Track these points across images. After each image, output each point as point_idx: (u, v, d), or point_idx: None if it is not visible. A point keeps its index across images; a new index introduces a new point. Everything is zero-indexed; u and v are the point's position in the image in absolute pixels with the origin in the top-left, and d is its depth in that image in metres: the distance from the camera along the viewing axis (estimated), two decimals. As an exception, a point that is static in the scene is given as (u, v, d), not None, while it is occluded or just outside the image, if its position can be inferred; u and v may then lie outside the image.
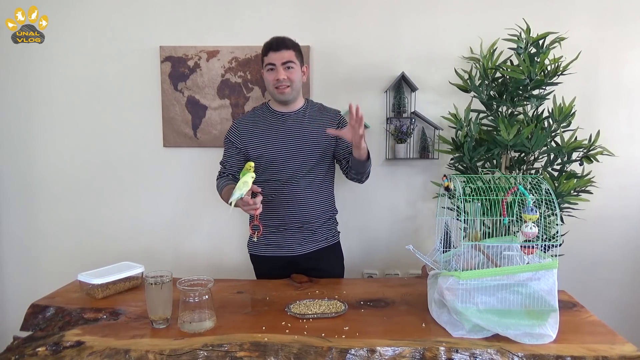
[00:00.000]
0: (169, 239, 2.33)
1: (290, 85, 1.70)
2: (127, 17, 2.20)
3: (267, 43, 1.72)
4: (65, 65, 2.23)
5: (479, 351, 1.15)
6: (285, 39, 1.71)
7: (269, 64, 1.70)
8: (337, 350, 1.16)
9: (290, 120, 1.78)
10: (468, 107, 1.95)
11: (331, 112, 1.85)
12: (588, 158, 1.86)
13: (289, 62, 1.69)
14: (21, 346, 1.22)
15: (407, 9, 2.17)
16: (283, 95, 1.72)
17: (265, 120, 1.79)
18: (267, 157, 1.75)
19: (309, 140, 1.76)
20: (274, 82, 1.70)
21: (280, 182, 1.76)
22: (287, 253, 1.79)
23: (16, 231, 2.34)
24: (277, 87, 1.70)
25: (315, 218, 1.81)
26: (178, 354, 1.15)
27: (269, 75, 1.71)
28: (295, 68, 1.71)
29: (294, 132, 1.76)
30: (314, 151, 1.76)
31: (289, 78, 1.69)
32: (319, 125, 1.79)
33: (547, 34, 1.84)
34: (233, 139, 1.80)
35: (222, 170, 1.83)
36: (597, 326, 1.31)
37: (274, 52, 1.68)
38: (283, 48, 1.69)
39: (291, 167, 1.75)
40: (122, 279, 1.57)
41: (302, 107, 1.81)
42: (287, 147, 1.74)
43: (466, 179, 1.52)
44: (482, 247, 1.39)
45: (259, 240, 1.82)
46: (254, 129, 1.78)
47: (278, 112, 1.79)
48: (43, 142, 2.28)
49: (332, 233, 1.89)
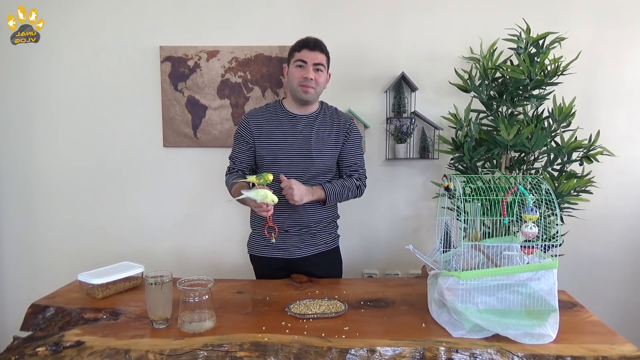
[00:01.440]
0: (169, 239, 2.33)
1: (314, 87, 1.70)
2: (127, 17, 2.20)
3: (303, 40, 1.71)
4: (65, 65, 2.23)
5: (479, 351, 1.15)
6: (322, 42, 1.72)
7: (301, 60, 1.68)
8: (337, 350, 1.16)
9: (302, 125, 1.76)
10: (468, 107, 1.95)
11: (342, 119, 1.81)
12: (588, 158, 1.86)
13: (319, 65, 1.69)
14: (21, 346, 1.22)
15: (407, 9, 2.17)
16: (306, 95, 1.70)
17: (277, 120, 1.76)
18: (272, 157, 1.74)
19: (315, 146, 1.74)
20: (301, 80, 1.68)
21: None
22: (285, 255, 1.78)
23: (16, 231, 2.34)
24: (303, 85, 1.69)
25: (316, 222, 1.80)
26: (178, 354, 1.14)
27: (297, 72, 1.69)
28: (323, 72, 1.72)
29: (303, 137, 1.74)
30: (319, 158, 1.74)
31: (316, 80, 1.69)
32: (329, 131, 1.77)
33: (547, 34, 1.84)
34: (243, 133, 1.77)
35: (231, 165, 1.82)
36: (597, 326, 1.31)
37: (309, 50, 1.68)
38: (318, 50, 1.69)
39: (295, 170, 1.73)
40: (122, 279, 1.57)
41: (316, 112, 1.79)
42: (294, 151, 1.73)
43: (466, 179, 1.52)
44: (482, 247, 1.39)
45: (258, 241, 1.82)
46: (263, 126, 1.76)
47: (291, 114, 1.77)
48: (43, 143, 2.28)
49: (331, 237, 1.87)
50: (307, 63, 1.68)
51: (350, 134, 1.80)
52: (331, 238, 1.87)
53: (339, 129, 1.78)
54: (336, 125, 1.79)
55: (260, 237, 1.80)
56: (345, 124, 1.80)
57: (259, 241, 1.83)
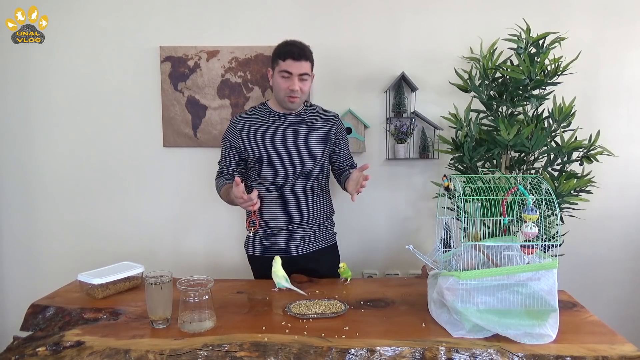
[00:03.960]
0: (169, 239, 2.33)
1: (300, 97, 1.71)
2: (127, 17, 2.20)
3: (287, 49, 1.66)
4: (65, 65, 2.23)
5: (479, 351, 1.15)
6: (305, 49, 1.69)
7: (286, 71, 1.66)
8: (337, 350, 1.16)
9: (290, 122, 1.77)
10: (468, 107, 1.95)
11: (329, 116, 1.85)
12: (588, 158, 1.86)
13: (305, 74, 1.68)
14: (21, 346, 1.22)
15: (407, 9, 2.17)
16: (292, 104, 1.72)
17: (264, 121, 1.78)
18: (265, 157, 1.74)
19: (307, 142, 1.76)
20: (287, 91, 1.68)
21: (278, 183, 1.75)
22: (285, 253, 1.78)
23: (16, 231, 2.34)
24: (289, 96, 1.69)
25: (314, 219, 1.81)
26: (178, 354, 1.15)
27: (283, 82, 1.68)
28: (308, 80, 1.71)
29: (293, 133, 1.76)
30: (312, 153, 1.77)
31: (302, 89, 1.69)
32: (318, 127, 1.79)
33: (547, 34, 1.84)
34: (231, 138, 1.79)
35: (220, 169, 1.83)
36: (597, 326, 1.31)
37: (294, 60, 1.65)
38: (303, 59, 1.66)
39: (289, 168, 1.75)
40: (122, 279, 1.57)
41: (302, 110, 1.81)
42: (286, 149, 1.74)
43: (466, 179, 1.52)
44: (482, 247, 1.39)
45: (257, 241, 1.82)
46: (252, 129, 1.77)
47: (278, 113, 1.78)
48: (43, 142, 2.28)
49: (330, 234, 1.90)
50: (293, 74, 1.66)
51: (340, 129, 1.86)
52: (329, 234, 1.90)
53: (327, 123, 1.83)
54: (322, 121, 1.82)
55: (259, 236, 1.81)
56: (332, 120, 1.86)
57: (257, 241, 1.83)
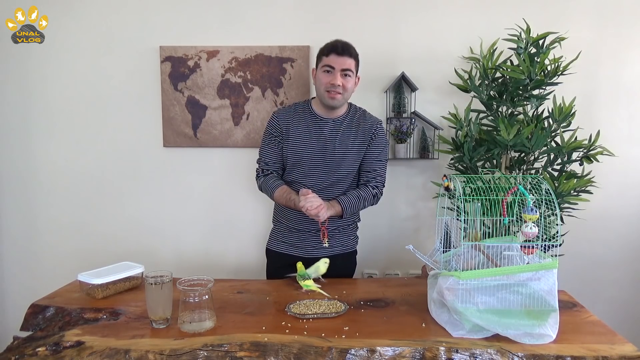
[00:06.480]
0: (169, 239, 2.33)
1: (342, 93, 1.67)
2: (127, 17, 2.20)
3: (331, 44, 1.66)
4: (65, 65, 2.23)
5: (479, 351, 1.15)
6: (350, 46, 1.68)
7: (328, 65, 1.65)
8: (337, 350, 1.16)
9: (328, 128, 1.74)
10: (468, 107, 1.95)
11: (369, 123, 1.78)
12: (588, 158, 1.86)
13: (348, 70, 1.66)
14: (21, 346, 1.22)
15: (407, 8, 2.17)
16: (333, 101, 1.68)
17: (304, 121, 1.75)
18: (297, 157, 1.74)
19: (339, 152, 1.73)
20: (327, 86, 1.65)
21: (305, 185, 1.73)
22: (300, 254, 1.79)
23: (16, 231, 2.34)
24: (329, 91, 1.66)
25: (335, 224, 1.79)
26: (178, 354, 1.15)
27: (324, 77, 1.66)
28: (351, 77, 1.68)
29: (327, 142, 1.73)
30: (342, 165, 1.74)
31: (344, 86, 1.66)
32: (355, 137, 1.75)
33: (547, 34, 1.84)
34: (274, 131, 1.75)
35: (264, 167, 1.79)
36: (597, 326, 1.31)
37: (338, 55, 1.63)
38: (347, 54, 1.65)
39: (316, 176, 1.74)
40: (122, 279, 1.57)
41: (343, 115, 1.77)
42: (318, 154, 1.73)
43: (466, 179, 1.52)
44: (482, 247, 1.39)
45: (277, 237, 1.87)
46: (289, 126, 1.74)
47: (318, 117, 1.75)
48: (43, 142, 2.28)
49: (350, 240, 1.87)
50: (335, 69, 1.64)
51: (375, 138, 1.77)
52: (349, 241, 1.87)
53: (364, 133, 1.76)
54: (362, 130, 1.76)
55: (281, 233, 1.85)
56: (371, 128, 1.77)
57: (277, 237, 1.86)
